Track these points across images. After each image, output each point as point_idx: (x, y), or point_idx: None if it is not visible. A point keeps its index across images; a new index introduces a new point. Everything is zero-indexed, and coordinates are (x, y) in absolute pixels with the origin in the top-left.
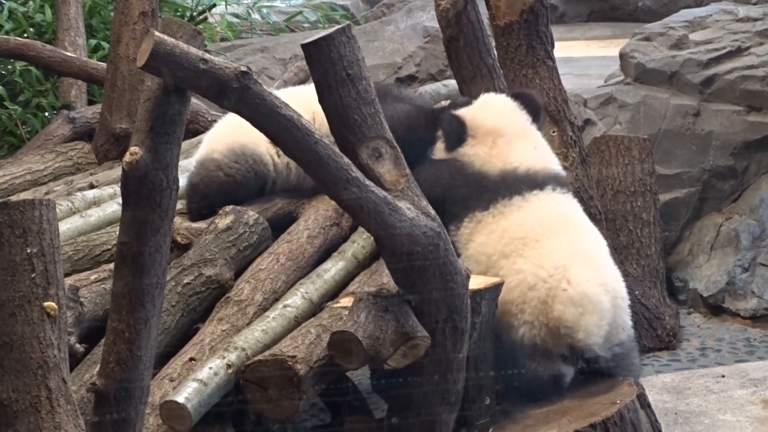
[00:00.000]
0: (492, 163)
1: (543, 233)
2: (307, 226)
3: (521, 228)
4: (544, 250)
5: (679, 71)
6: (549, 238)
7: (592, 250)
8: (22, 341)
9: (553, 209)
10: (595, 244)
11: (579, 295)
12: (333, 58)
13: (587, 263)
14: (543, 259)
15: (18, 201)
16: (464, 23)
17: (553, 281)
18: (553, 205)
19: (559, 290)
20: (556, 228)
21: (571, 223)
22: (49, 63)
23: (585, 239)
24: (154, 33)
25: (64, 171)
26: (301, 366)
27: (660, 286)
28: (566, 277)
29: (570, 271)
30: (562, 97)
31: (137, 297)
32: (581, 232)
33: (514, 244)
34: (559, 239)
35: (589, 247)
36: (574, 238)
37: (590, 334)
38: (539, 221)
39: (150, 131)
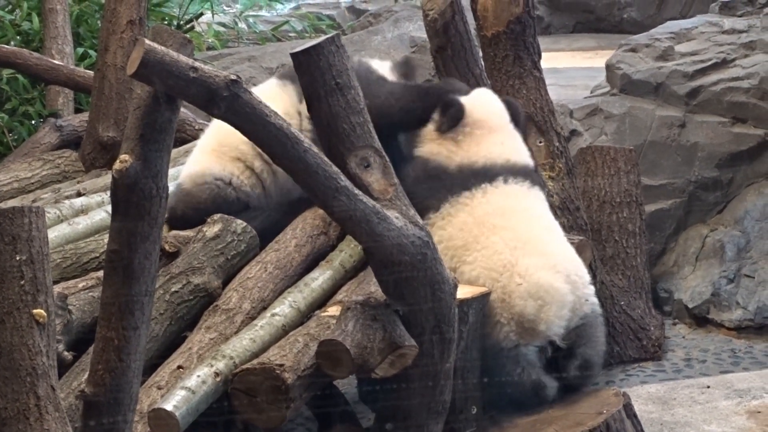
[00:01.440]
0: (452, 158)
1: (484, 233)
2: (295, 234)
3: (462, 233)
4: (489, 251)
5: (665, 82)
6: (491, 235)
7: (539, 236)
8: (10, 348)
9: (497, 203)
10: (542, 227)
11: (534, 286)
12: (322, 67)
13: (535, 251)
14: (489, 260)
15: (7, 208)
16: (452, 33)
17: (505, 279)
18: (497, 199)
19: (513, 286)
20: (497, 223)
21: (515, 213)
22: (36, 71)
23: (531, 227)
24: (145, 41)
25: (51, 179)
26: (289, 375)
27: (645, 297)
28: (517, 271)
29: (519, 264)
30: (548, 108)
31: (126, 305)
32: (527, 219)
33: (458, 253)
34: (503, 234)
35: (535, 234)
36: (519, 228)
37: (551, 324)
38: (479, 221)
39: (140, 139)
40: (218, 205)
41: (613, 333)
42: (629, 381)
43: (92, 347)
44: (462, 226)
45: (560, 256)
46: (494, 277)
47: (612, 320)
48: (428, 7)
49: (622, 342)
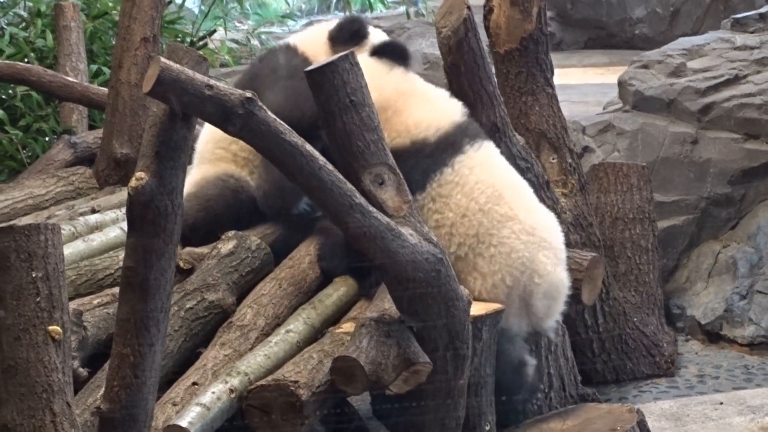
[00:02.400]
0: (399, 138)
1: (494, 225)
2: (309, 251)
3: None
4: (506, 248)
5: (677, 99)
6: (502, 228)
7: (538, 217)
8: (26, 365)
9: (485, 180)
10: (531, 197)
11: (551, 286)
12: (336, 85)
13: (544, 242)
14: (509, 258)
15: (23, 225)
16: (465, 50)
17: (526, 278)
18: (479, 174)
19: (533, 286)
20: (500, 211)
21: (505, 189)
22: (50, 88)
23: (524, 202)
24: (160, 59)
25: (65, 195)
26: (304, 391)
27: (658, 313)
28: (536, 270)
29: (536, 262)
30: (561, 125)
31: (142, 321)
32: (517, 194)
33: (472, 245)
34: (513, 227)
35: (534, 215)
36: (520, 213)
37: (554, 319)
38: (481, 209)
39: (155, 156)
40: (226, 198)
41: (626, 349)
42: (642, 397)
43: (108, 363)
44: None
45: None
46: (516, 276)
47: (625, 336)
48: (442, 24)
49: (635, 358)
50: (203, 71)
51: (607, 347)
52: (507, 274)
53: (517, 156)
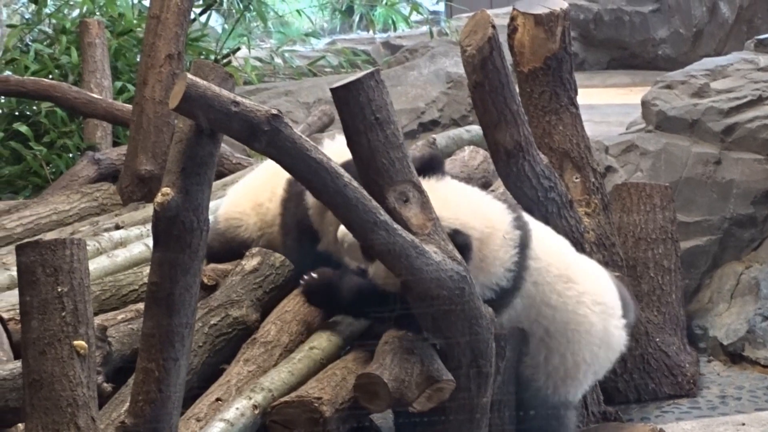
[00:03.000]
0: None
1: (564, 313)
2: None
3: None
4: (584, 326)
5: (701, 119)
6: (577, 307)
7: (595, 279)
8: (51, 379)
9: (551, 287)
10: (584, 264)
11: (618, 351)
12: (362, 102)
13: (609, 310)
14: (589, 335)
15: (49, 240)
16: (490, 69)
17: (603, 352)
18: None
19: (607, 361)
20: (569, 293)
21: (569, 268)
22: (74, 104)
23: (582, 269)
24: (187, 75)
25: (89, 212)
26: (327, 408)
27: (680, 334)
28: (609, 343)
29: (608, 333)
30: (585, 144)
31: (167, 336)
32: (577, 265)
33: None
34: (585, 299)
35: (596, 281)
36: (586, 282)
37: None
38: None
39: (181, 172)
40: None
41: (647, 369)
42: (664, 418)
43: (132, 378)
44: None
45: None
46: (594, 352)
47: (647, 356)
48: (466, 43)
49: (657, 378)
50: (229, 88)
51: (630, 367)
52: (588, 351)
53: (540, 175)
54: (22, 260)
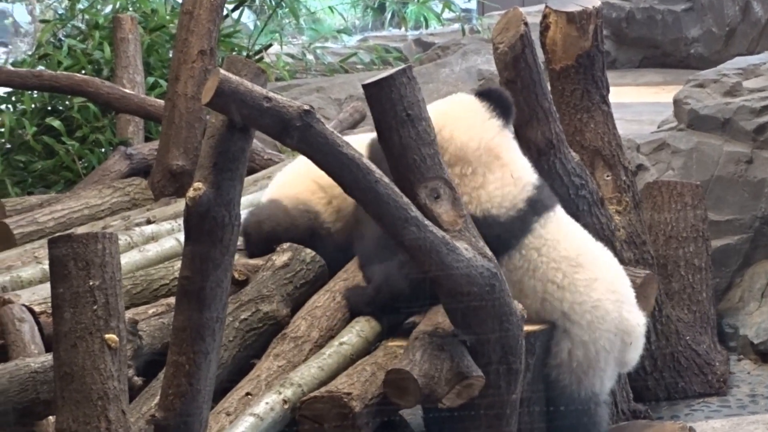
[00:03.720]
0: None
1: (576, 293)
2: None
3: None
4: (600, 311)
5: (732, 118)
6: (591, 291)
7: (611, 270)
8: (82, 372)
9: (554, 259)
10: (601, 256)
11: (637, 339)
12: (393, 99)
13: (623, 298)
14: (605, 322)
15: (81, 234)
16: (521, 66)
17: (619, 340)
18: (548, 253)
19: (625, 346)
20: (580, 277)
21: (581, 255)
22: (107, 99)
23: (599, 261)
24: (220, 71)
25: (121, 206)
26: (357, 403)
27: (711, 332)
28: (626, 330)
29: (623, 320)
30: (616, 142)
31: (198, 331)
32: (593, 256)
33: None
34: (598, 286)
35: (612, 271)
36: (600, 270)
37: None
38: (558, 285)
39: (213, 167)
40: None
41: (678, 368)
42: (694, 416)
43: (163, 372)
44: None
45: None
46: (611, 339)
47: (677, 355)
48: (498, 40)
49: (687, 377)
50: (261, 83)
51: (660, 365)
52: (606, 339)
53: (571, 173)
54: (54, 254)
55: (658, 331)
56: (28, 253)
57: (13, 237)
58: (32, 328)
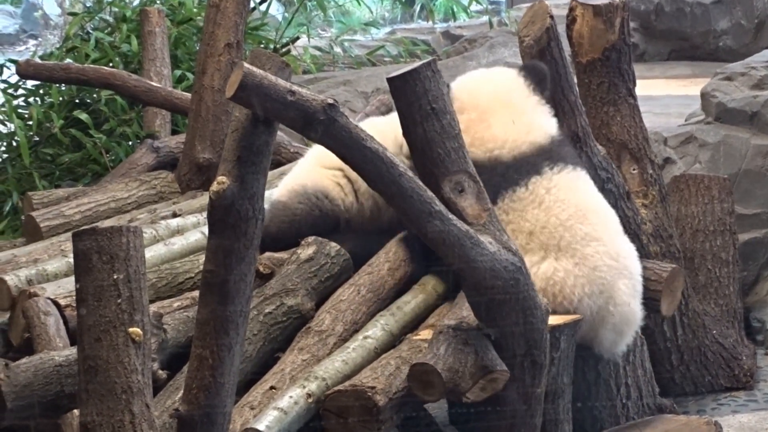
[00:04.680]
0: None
1: (573, 237)
2: (388, 258)
3: (549, 234)
4: (589, 265)
5: (761, 111)
6: (586, 246)
7: (620, 244)
8: (107, 366)
9: (563, 200)
10: (614, 224)
11: (622, 319)
12: (418, 92)
13: (625, 270)
14: (592, 275)
15: (106, 228)
16: (547, 59)
17: (602, 302)
18: (558, 194)
19: (607, 314)
20: (583, 229)
21: (587, 212)
22: (134, 92)
23: (608, 228)
24: (244, 64)
25: (147, 199)
26: (381, 397)
27: (738, 326)
28: (613, 298)
29: (615, 289)
30: (643, 135)
31: (222, 324)
32: (601, 219)
33: (548, 251)
34: (597, 247)
35: (617, 242)
36: (603, 236)
37: (619, 349)
38: (561, 222)
39: (237, 161)
40: (314, 218)
41: (704, 362)
42: (720, 410)
43: (187, 366)
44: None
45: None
46: (594, 293)
47: (704, 349)
48: (524, 33)
49: (714, 371)
50: (286, 77)
51: (686, 359)
52: (587, 288)
53: (597, 166)
54: (78, 247)
55: (685, 325)
56: (54, 246)
57: (40, 230)
58: (57, 321)
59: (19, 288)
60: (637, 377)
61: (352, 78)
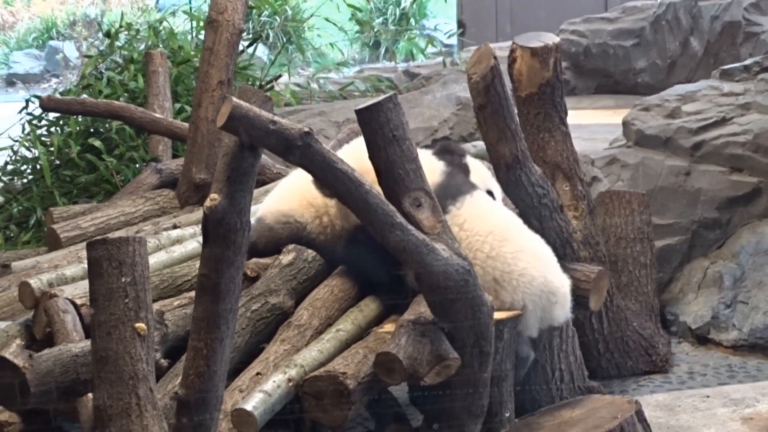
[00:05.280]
0: None
1: (504, 263)
2: None
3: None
4: (526, 278)
5: (673, 137)
6: (519, 263)
7: (535, 242)
8: (116, 356)
9: (478, 232)
10: (525, 230)
11: (562, 297)
12: (381, 122)
13: (550, 264)
14: (531, 287)
15: (115, 238)
16: (492, 94)
17: (544, 300)
18: (471, 227)
19: (550, 305)
20: (507, 250)
21: (505, 230)
22: (140, 123)
23: (523, 234)
24: (232, 99)
25: (151, 213)
26: (351, 381)
27: (655, 319)
28: (551, 290)
29: (550, 282)
30: (573, 158)
31: (214, 320)
32: (517, 229)
33: (498, 277)
34: (523, 256)
35: (535, 242)
36: (524, 242)
37: (567, 314)
38: (487, 255)
39: (227, 181)
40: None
41: (626, 350)
42: (640, 391)
43: (185, 356)
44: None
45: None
46: (535, 300)
47: (626, 339)
48: (472, 71)
49: (635, 357)
50: (268, 109)
51: (611, 347)
52: (530, 301)
53: (535, 184)
54: (91, 255)
55: (610, 318)
56: (72, 254)
57: (60, 240)
58: (74, 318)
59: (41, 290)
60: (570, 363)
61: (327, 110)
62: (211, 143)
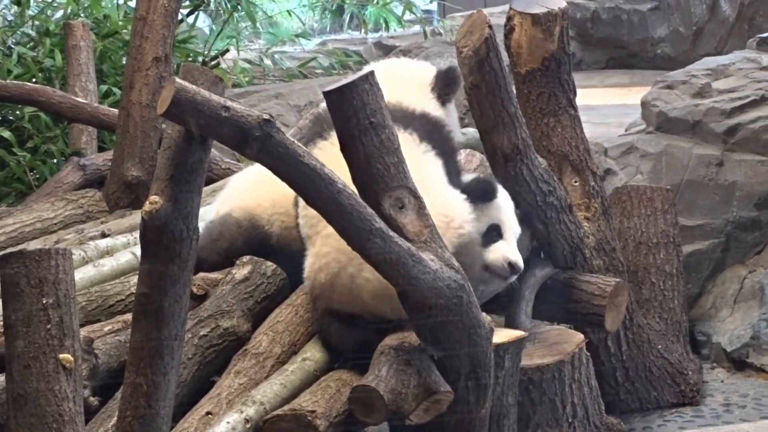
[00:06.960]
0: None
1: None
2: None
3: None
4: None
5: (702, 120)
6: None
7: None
8: (36, 394)
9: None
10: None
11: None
12: (356, 106)
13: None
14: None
15: (34, 250)
16: (486, 70)
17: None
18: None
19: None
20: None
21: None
22: (59, 109)
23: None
24: (176, 80)
25: (74, 219)
26: (321, 421)
27: (683, 340)
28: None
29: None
30: (584, 147)
31: (156, 349)
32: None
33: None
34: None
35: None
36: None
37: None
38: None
39: (170, 180)
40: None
41: (650, 377)
42: (667, 427)
43: (119, 392)
44: None
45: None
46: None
47: (649, 364)
48: (462, 44)
49: (660, 387)
50: (219, 92)
51: (631, 375)
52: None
53: (538, 179)
54: (5, 272)
55: (629, 341)
56: None
57: None
58: None
59: None
60: (583, 395)
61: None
62: (145, 133)
